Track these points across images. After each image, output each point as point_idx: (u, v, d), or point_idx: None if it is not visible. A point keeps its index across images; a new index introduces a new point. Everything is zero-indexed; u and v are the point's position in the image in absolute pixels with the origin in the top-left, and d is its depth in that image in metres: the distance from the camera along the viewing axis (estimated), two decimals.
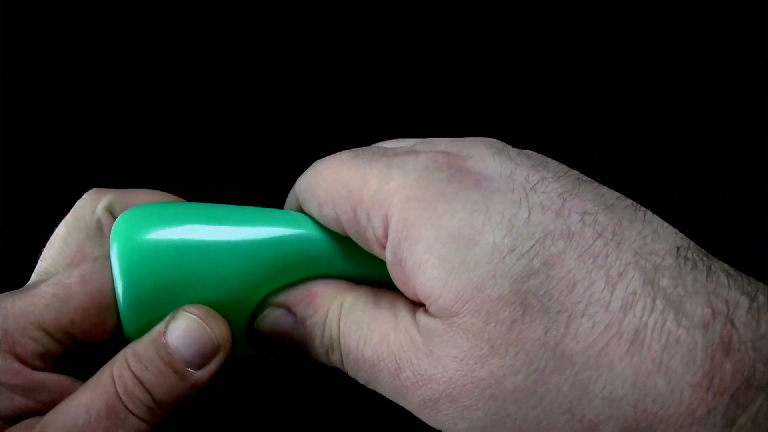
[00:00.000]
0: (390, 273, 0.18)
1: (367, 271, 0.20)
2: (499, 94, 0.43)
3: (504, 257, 0.15)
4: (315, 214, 0.20)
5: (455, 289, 0.16)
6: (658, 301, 0.15)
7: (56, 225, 0.40)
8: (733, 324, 0.14)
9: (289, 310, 0.20)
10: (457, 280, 0.16)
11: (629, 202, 0.17)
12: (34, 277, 0.22)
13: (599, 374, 0.15)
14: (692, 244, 0.17)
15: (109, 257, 0.20)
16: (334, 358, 0.20)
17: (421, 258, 0.16)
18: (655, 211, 0.37)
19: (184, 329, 0.19)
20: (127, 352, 0.19)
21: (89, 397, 0.18)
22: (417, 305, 0.18)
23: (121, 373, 0.18)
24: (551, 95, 0.43)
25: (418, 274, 0.17)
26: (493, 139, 0.19)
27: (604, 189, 0.18)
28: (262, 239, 0.20)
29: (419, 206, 0.17)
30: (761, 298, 0.15)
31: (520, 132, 0.38)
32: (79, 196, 0.39)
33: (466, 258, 0.16)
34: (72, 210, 0.23)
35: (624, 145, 0.43)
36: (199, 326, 0.19)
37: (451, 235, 0.16)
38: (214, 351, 0.19)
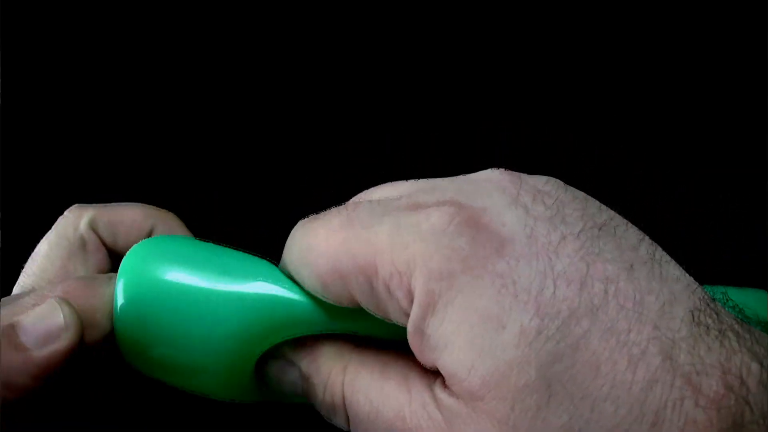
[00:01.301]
0: (408, 340, 0.18)
1: (374, 330, 0.20)
2: (499, 95, 0.43)
3: (531, 342, 0.15)
4: (318, 292, 0.19)
5: (482, 374, 0.16)
6: (677, 380, 0.15)
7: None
8: (746, 401, 0.15)
9: (293, 363, 0.20)
10: (483, 365, 0.16)
11: (645, 252, 0.17)
12: (16, 290, 0.22)
13: None
14: (705, 298, 0.17)
15: (92, 276, 0.20)
16: (338, 422, 0.20)
17: (448, 338, 0.16)
18: (655, 211, 0.37)
19: (38, 311, 0.19)
20: None
21: None
22: (431, 375, 0.18)
23: None
24: (551, 95, 0.43)
25: (443, 354, 0.16)
26: (500, 175, 0.19)
27: (620, 235, 0.17)
28: (265, 295, 0.19)
29: (444, 281, 0.16)
30: (766, 363, 0.15)
31: (520, 132, 0.38)
32: (79, 197, 0.39)
33: (494, 342, 0.16)
34: (54, 226, 0.23)
35: (624, 145, 0.43)
36: (51, 306, 0.19)
37: (479, 317, 0.16)
38: (59, 331, 0.19)
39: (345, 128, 0.42)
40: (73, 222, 0.23)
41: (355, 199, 0.21)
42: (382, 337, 0.20)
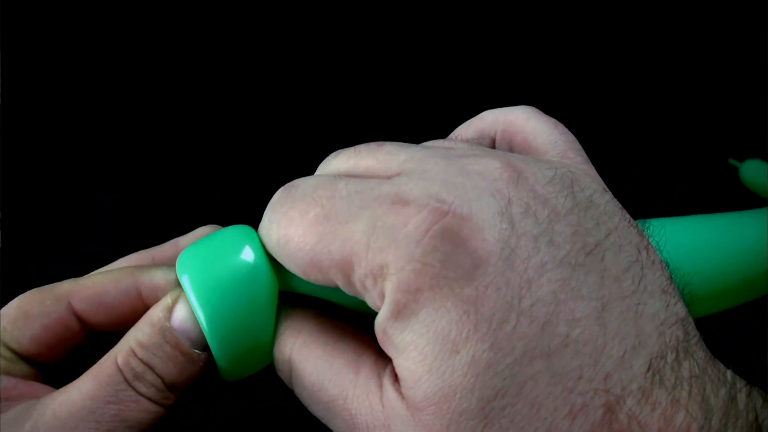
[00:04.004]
0: (375, 329, 0.18)
1: (347, 302, 0.20)
2: (499, 95, 0.43)
3: (478, 374, 0.15)
4: (299, 275, 0.19)
5: (426, 389, 0.16)
6: None
7: (56, 225, 0.40)
8: None
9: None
10: (429, 382, 0.16)
11: (629, 282, 0.17)
12: None
13: None
14: (678, 337, 0.17)
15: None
16: (286, 381, 0.20)
17: (406, 346, 0.16)
18: (656, 211, 0.36)
19: (186, 313, 0.19)
20: (131, 343, 0.19)
21: (92, 387, 0.18)
22: (384, 361, 0.18)
23: (128, 361, 0.18)
24: (551, 95, 0.43)
25: (399, 357, 0.17)
26: (498, 171, 0.18)
27: (609, 261, 0.17)
28: (267, 266, 0.20)
29: (411, 294, 0.16)
30: (715, 421, 0.15)
31: None
32: (79, 197, 0.39)
33: (445, 364, 0.16)
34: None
35: (624, 145, 0.43)
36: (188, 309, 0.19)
37: (437, 336, 0.16)
38: (202, 336, 0.19)
39: (345, 129, 0.42)
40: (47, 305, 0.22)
41: (344, 163, 0.20)
42: (352, 308, 0.20)
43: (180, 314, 0.19)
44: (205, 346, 0.19)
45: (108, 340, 0.20)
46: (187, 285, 0.19)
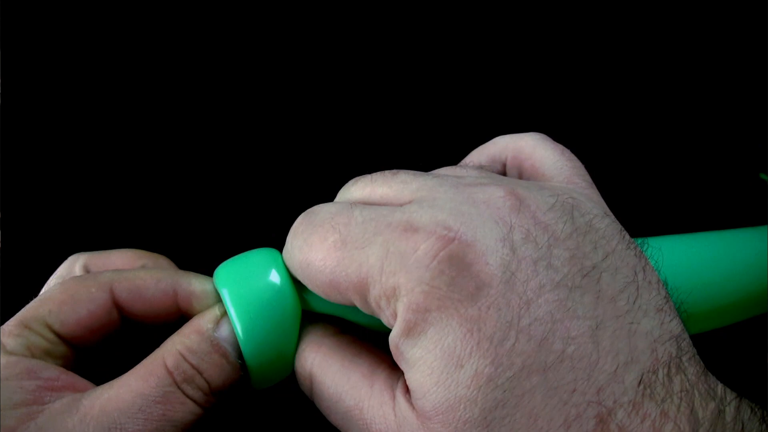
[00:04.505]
0: (389, 345, 0.19)
1: (363, 321, 0.22)
2: (499, 95, 0.43)
3: (481, 386, 0.17)
4: (320, 295, 0.21)
5: (434, 400, 0.17)
6: None
7: (56, 225, 0.40)
8: None
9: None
10: (437, 393, 0.17)
11: (624, 303, 0.18)
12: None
13: None
14: (670, 354, 0.18)
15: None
16: (306, 392, 0.22)
17: (416, 360, 0.18)
18: (655, 211, 0.36)
19: (229, 326, 0.21)
20: (179, 348, 0.21)
21: (141, 386, 0.20)
22: (397, 375, 0.20)
23: (179, 365, 0.20)
24: (551, 96, 0.43)
25: (409, 371, 0.18)
26: (502, 200, 0.19)
27: (605, 282, 0.18)
28: (288, 286, 0.22)
29: (420, 314, 0.18)
30: None
31: (519, 132, 0.38)
32: (79, 197, 0.39)
33: (450, 377, 0.17)
34: (54, 275, 0.25)
35: (624, 145, 0.43)
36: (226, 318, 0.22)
37: (443, 352, 0.17)
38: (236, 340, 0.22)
39: (345, 129, 0.42)
40: (69, 269, 0.24)
41: (360, 191, 0.22)
42: (369, 327, 0.22)
43: (226, 326, 0.21)
44: (240, 356, 0.21)
45: (139, 330, 0.22)
46: (227, 298, 0.21)
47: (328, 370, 0.21)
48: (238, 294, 0.21)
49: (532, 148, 0.23)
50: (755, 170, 0.42)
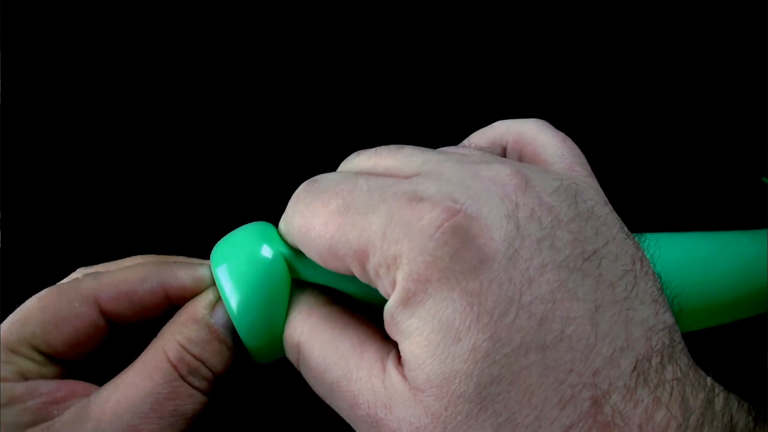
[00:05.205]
0: (383, 315, 0.19)
1: (356, 292, 0.21)
2: (499, 95, 0.43)
3: (477, 361, 0.17)
4: (317, 263, 0.20)
5: (428, 372, 0.17)
6: (595, 428, 0.16)
7: (56, 225, 0.40)
8: None
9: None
10: (431, 366, 0.17)
11: (621, 290, 0.18)
12: None
13: None
14: (663, 343, 0.18)
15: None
16: (293, 361, 0.21)
17: (412, 331, 0.18)
18: (655, 211, 0.36)
19: (224, 311, 0.21)
20: (178, 339, 0.20)
21: (149, 384, 0.20)
22: (388, 347, 0.19)
23: (182, 357, 0.20)
24: (551, 97, 0.43)
25: (404, 342, 0.18)
26: (507, 178, 0.19)
27: (604, 268, 0.18)
28: (277, 257, 0.21)
29: (420, 284, 0.17)
30: (692, 420, 0.17)
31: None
32: (79, 197, 0.39)
33: (447, 350, 0.17)
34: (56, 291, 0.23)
35: (624, 145, 0.43)
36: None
37: (441, 324, 0.17)
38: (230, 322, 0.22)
39: (344, 127, 0.42)
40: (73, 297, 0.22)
41: (364, 162, 0.22)
42: (363, 298, 0.22)
43: (221, 310, 0.21)
44: (236, 336, 0.21)
45: (127, 329, 0.22)
46: (220, 278, 0.21)
47: (317, 339, 0.20)
48: (230, 273, 0.21)
49: (534, 133, 0.23)
50: (755, 171, 0.42)
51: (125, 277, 0.21)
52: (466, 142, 0.25)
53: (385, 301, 0.19)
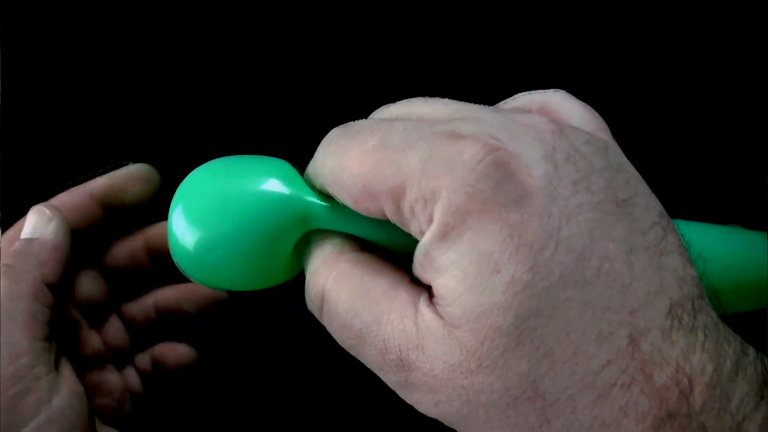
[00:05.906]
0: (415, 255, 0.19)
1: (385, 238, 0.21)
2: (499, 94, 0.43)
3: (516, 293, 0.16)
4: (348, 205, 0.20)
5: (464, 306, 0.17)
6: (633, 365, 0.16)
7: None
8: (686, 398, 0.16)
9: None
10: (468, 299, 0.17)
11: (652, 238, 0.18)
12: None
13: (562, 413, 0.16)
14: (693, 293, 0.18)
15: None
16: (314, 311, 0.21)
17: (449, 265, 0.17)
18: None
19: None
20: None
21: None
22: (419, 290, 0.19)
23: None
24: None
25: (440, 277, 0.17)
26: (544, 125, 0.19)
27: (636, 216, 0.18)
28: (274, 194, 0.21)
29: (460, 216, 0.17)
30: (728, 365, 0.16)
31: None
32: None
33: (485, 282, 0.17)
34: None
35: (624, 144, 0.43)
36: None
37: (480, 256, 0.17)
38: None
39: (342, 111, 0.42)
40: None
41: (397, 110, 0.21)
42: (389, 246, 0.21)
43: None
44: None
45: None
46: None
47: (345, 284, 0.20)
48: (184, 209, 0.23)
49: (559, 101, 0.23)
50: (755, 171, 0.42)
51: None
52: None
53: (412, 246, 0.18)
